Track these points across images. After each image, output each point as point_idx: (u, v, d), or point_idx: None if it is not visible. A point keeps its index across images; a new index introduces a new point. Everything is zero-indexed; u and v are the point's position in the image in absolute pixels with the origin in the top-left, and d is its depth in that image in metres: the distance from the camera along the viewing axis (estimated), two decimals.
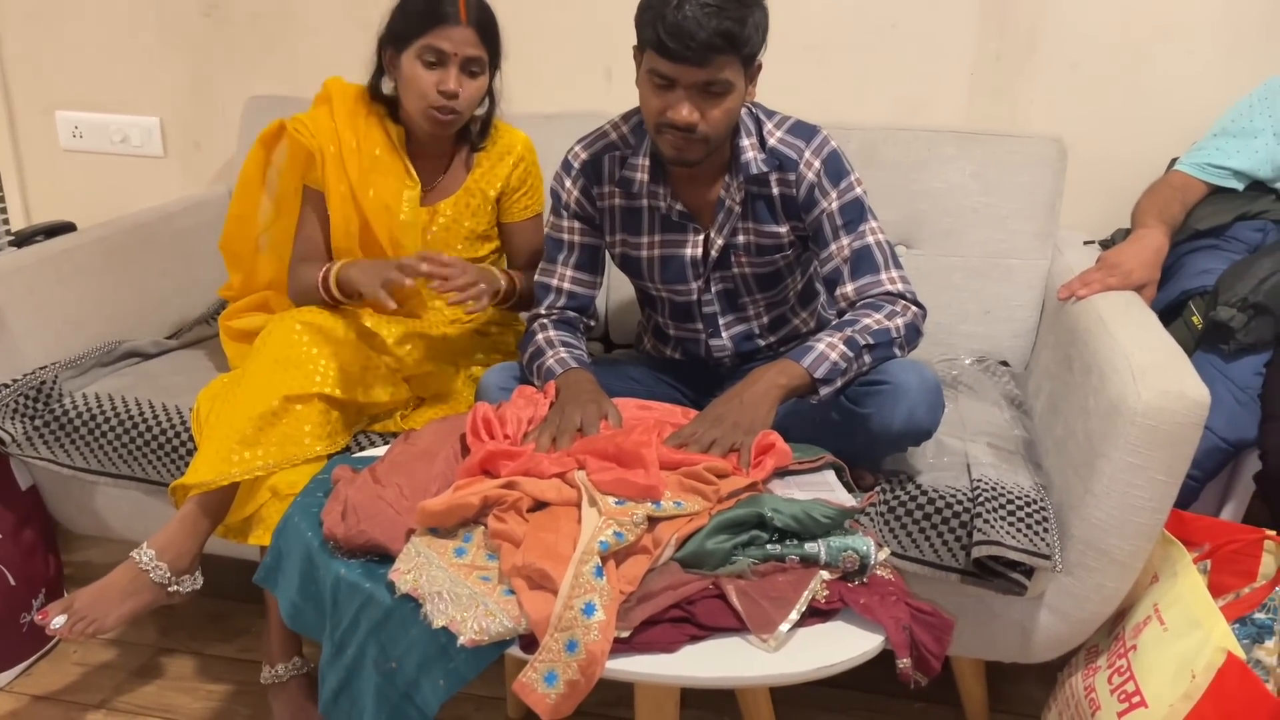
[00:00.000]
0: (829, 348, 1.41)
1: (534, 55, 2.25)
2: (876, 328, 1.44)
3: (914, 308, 1.49)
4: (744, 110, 1.53)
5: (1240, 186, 1.85)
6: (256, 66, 2.30)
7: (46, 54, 2.48)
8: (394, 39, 1.65)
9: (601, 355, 1.98)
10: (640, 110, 1.52)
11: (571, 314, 1.67)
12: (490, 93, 1.73)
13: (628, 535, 1.14)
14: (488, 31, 1.65)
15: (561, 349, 1.58)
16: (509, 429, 1.39)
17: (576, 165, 1.62)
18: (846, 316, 1.48)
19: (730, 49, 1.36)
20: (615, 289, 2.08)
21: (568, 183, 1.63)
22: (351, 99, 1.73)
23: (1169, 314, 1.77)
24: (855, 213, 1.52)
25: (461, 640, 1.05)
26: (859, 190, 1.53)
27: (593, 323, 1.71)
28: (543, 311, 1.67)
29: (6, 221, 2.19)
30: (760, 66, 1.47)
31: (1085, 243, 1.99)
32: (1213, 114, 1.93)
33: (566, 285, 1.66)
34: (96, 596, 1.46)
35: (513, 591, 1.11)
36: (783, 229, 1.57)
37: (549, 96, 2.23)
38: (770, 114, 1.56)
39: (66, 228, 2.19)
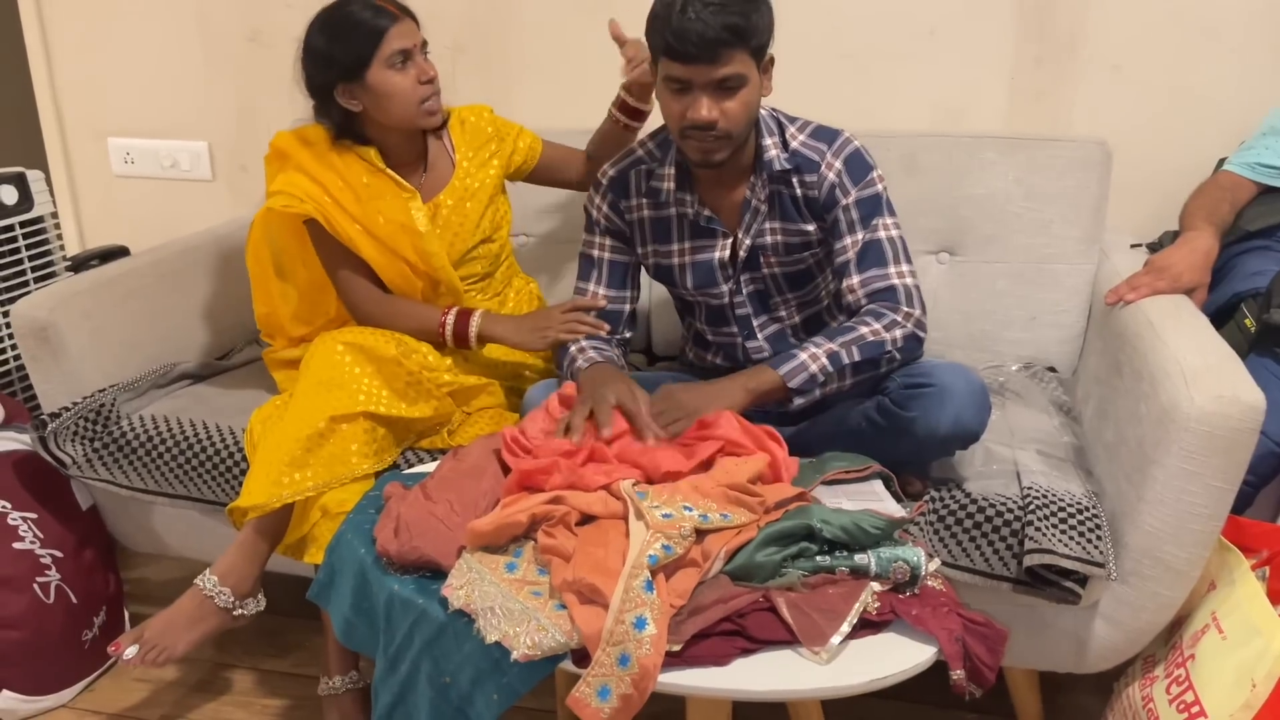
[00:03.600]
0: (811, 359, 1.44)
1: (572, 70, 2.27)
2: (871, 339, 1.46)
3: (916, 313, 1.50)
4: (766, 113, 1.57)
5: None
6: (297, 83, 2.35)
7: (98, 83, 2.54)
8: (343, 73, 1.64)
9: (646, 367, 1.99)
10: (665, 125, 1.56)
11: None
12: None
13: (676, 548, 1.15)
14: (411, 14, 1.69)
15: (590, 350, 1.61)
16: (533, 441, 1.41)
17: (605, 182, 1.66)
18: (845, 323, 1.50)
19: (738, 42, 1.40)
20: (657, 302, 2.09)
21: (597, 199, 1.67)
22: (311, 143, 1.74)
23: (1220, 317, 1.74)
24: (871, 208, 1.54)
25: (515, 656, 1.06)
26: (879, 187, 1.55)
27: (628, 334, 1.72)
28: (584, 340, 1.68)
29: (63, 247, 2.25)
30: (772, 59, 1.50)
31: (1132, 245, 1.97)
32: (1260, 113, 1.90)
33: (601, 303, 1.69)
34: (165, 625, 1.50)
35: (564, 606, 1.12)
36: (810, 226, 1.59)
37: (588, 112, 2.24)
38: (793, 119, 1.59)
39: (120, 252, 2.24)
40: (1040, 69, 2.06)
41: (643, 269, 1.72)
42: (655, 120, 1.68)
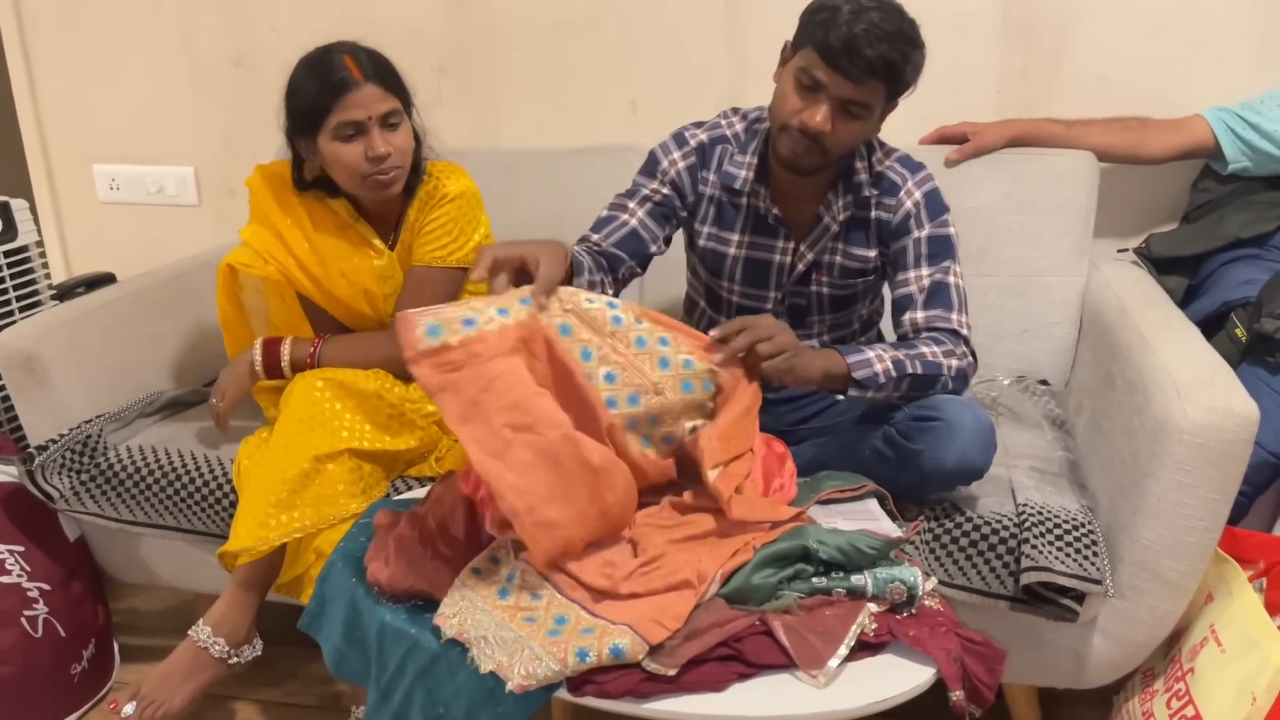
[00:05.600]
0: (878, 359, 1.41)
1: (558, 91, 2.27)
2: (931, 359, 1.43)
3: (970, 358, 1.49)
4: None
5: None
6: (276, 118, 2.35)
7: (82, 109, 2.53)
8: (301, 126, 1.61)
9: None
10: (756, 111, 1.55)
11: (617, 252, 1.55)
12: (414, 133, 1.68)
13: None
14: (389, 79, 1.61)
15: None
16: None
17: (693, 143, 1.60)
18: (910, 339, 1.48)
19: (886, 78, 1.40)
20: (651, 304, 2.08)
21: (676, 154, 1.60)
22: (284, 185, 1.71)
23: (1211, 326, 1.74)
24: (943, 248, 1.53)
25: (510, 686, 1.05)
26: (952, 231, 1.54)
27: (639, 271, 1.60)
28: (592, 238, 1.56)
29: (49, 275, 2.23)
30: (896, 107, 1.49)
31: (1119, 251, 1.97)
32: None
33: (634, 223, 1.57)
34: (161, 679, 1.48)
35: (557, 632, 1.10)
36: (872, 253, 1.58)
37: (575, 131, 2.24)
38: (883, 144, 1.59)
39: (107, 279, 2.22)
40: (1026, 81, 2.07)
41: (687, 246, 1.66)
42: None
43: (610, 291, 1.51)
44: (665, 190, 1.60)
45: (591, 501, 1.21)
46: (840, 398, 1.43)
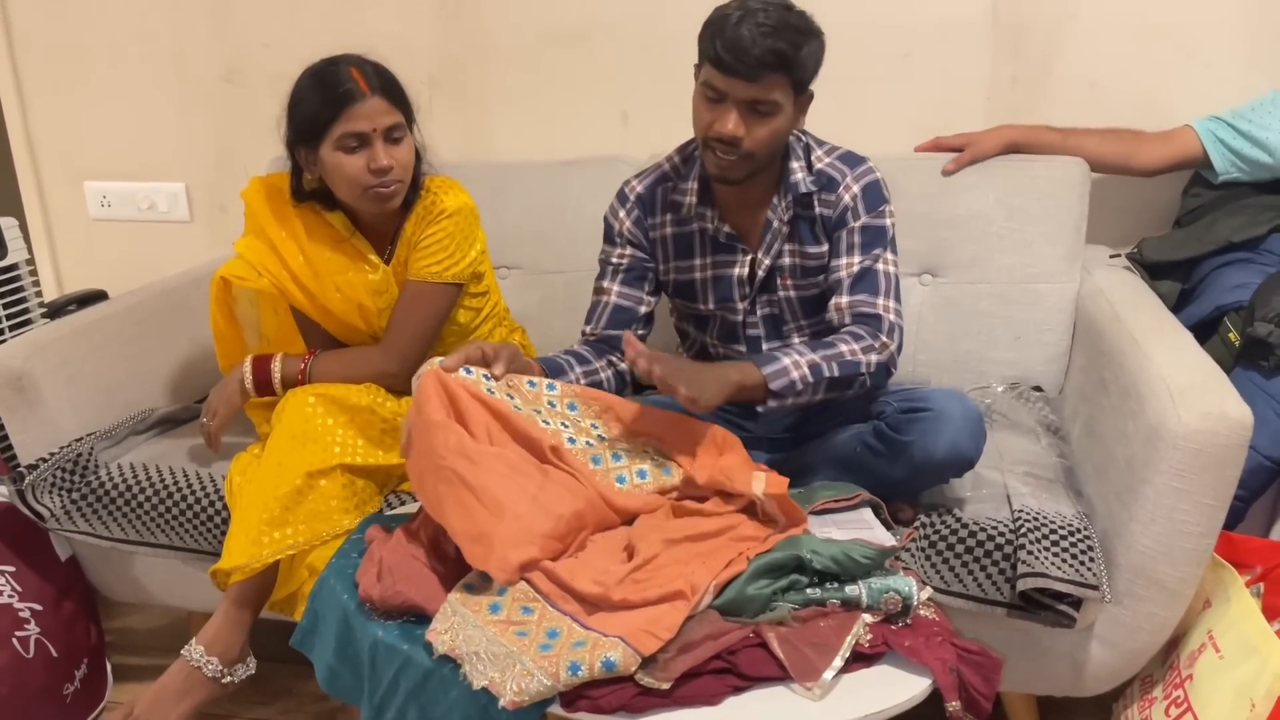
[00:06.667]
0: (794, 366, 1.42)
1: (549, 102, 2.27)
2: (849, 359, 1.45)
3: (892, 346, 1.50)
4: (794, 137, 1.58)
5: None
6: (277, 129, 2.34)
7: (73, 126, 2.53)
8: (304, 136, 1.60)
9: (632, 398, 1.97)
10: (691, 140, 1.57)
11: (612, 333, 1.65)
12: (415, 148, 1.68)
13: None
14: (394, 92, 1.61)
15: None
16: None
17: (631, 197, 1.66)
18: (826, 338, 1.49)
19: (781, 69, 1.41)
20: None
21: (621, 213, 1.66)
22: (280, 197, 1.70)
23: (1204, 330, 1.74)
24: (876, 237, 1.55)
25: (503, 703, 1.04)
26: (888, 221, 1.56)
27: (642, 333, 1.68)
28: (585, 331, 1.68)
29: (40, 294, 2.23)
30: (811, 96, 1.51)
31: (1111, 256, 1.97)
32: None
33: (613, 299, 1.66)
34: (154, 700, 1.47)
35: (549, 646, 1.10)
36: (824, 248, 1.59)
37: (566, 143, 2.24)
38: (821, 143, 1.61)
39: (99, 296, 2.22)
40: (1016, 88, 2.07)
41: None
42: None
43: (619, 369, 1.65)
44: (627, 251, 1.66)
45: (515, 501, 1.25)
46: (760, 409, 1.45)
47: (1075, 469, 1.62)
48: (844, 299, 1.54)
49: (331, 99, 1.56)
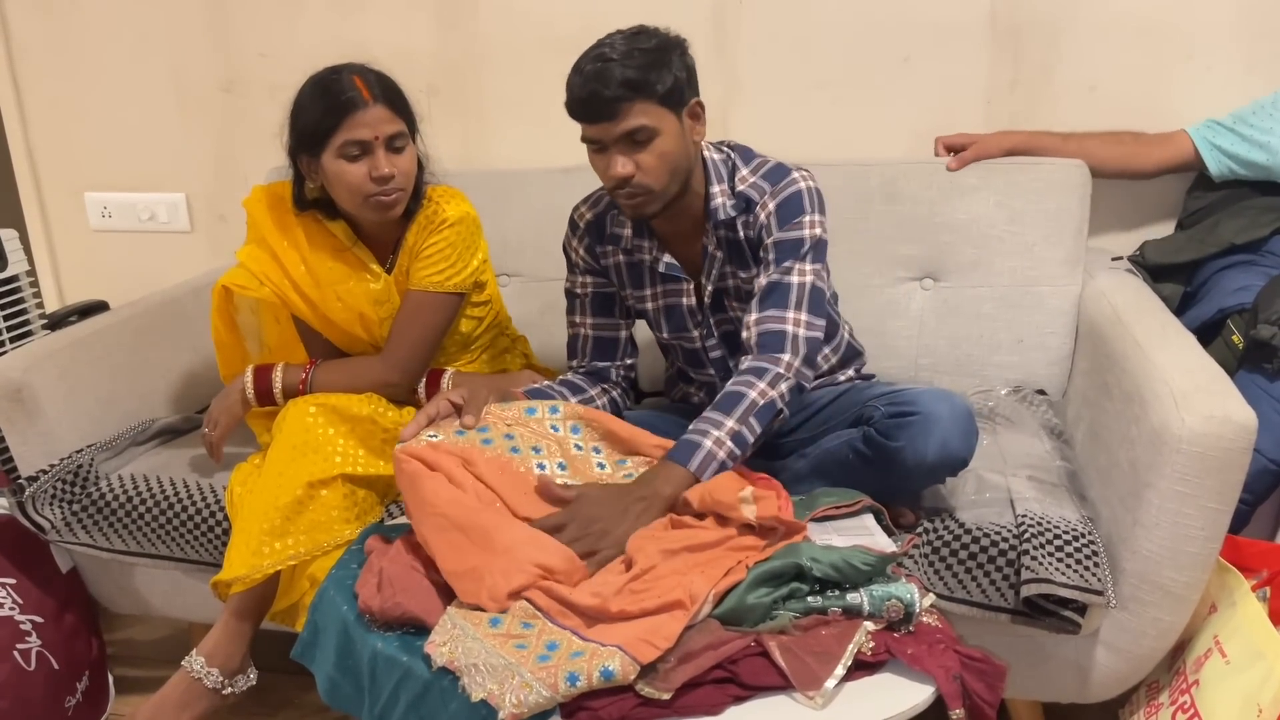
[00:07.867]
0: (717, 445, 1.37)
1: (548, 110, 2.25)
2: (763, 403, 1.40)
3: (797, 362, 1.45)
4: (719, 157, 1.55)
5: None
6: (276, 138, 2.34)
7: (73, 138, 2.53)
8: (306, 144, 1.60)
9: (633, 405, 1.97)
10: None
11: (600, 364, 1.68)
12: (418, 158, 1.68)
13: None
14: (396, 101, 1.61)
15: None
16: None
17: (581, 225, 1.65)
18: (731, 389, 1.42)
19: (637, 95, 1.38)
20: (641, 341, 2.07)
21: (574, 242, 1.66)
22: (281, 206, 1.70)
23: (1207, 333, 1.73)
24: (789, 251, 1.50)
25: (502, 715, 1.04)
26: (807, 231, 1.50)
27: (629, 361, 1.70)
28: (572, 365, 1.71)
29: (40, 305, 2.23)
30: (699, 104, 1.48)
31: (1113, 260, 1.96)
32: None
33: (590, 332, 1.68)
34: (155, 712, 1.47)
35: (547, 658, 1.09)
36: (754, 271, 1.56)
37: (565, 150, 2.22)
38: (750, 158, 1.56)
39: (100, 307, 2.22)
40: (1015, 92, 2.06)
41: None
42: None
43: (612, 396, 1.67)
44: (589, 279, 1.66)
45: (504, 536, 1.26)
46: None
47: (1079, 473, 1.61)
48: (752, 316, 1.49)
49: (334, 107, 1.56)
